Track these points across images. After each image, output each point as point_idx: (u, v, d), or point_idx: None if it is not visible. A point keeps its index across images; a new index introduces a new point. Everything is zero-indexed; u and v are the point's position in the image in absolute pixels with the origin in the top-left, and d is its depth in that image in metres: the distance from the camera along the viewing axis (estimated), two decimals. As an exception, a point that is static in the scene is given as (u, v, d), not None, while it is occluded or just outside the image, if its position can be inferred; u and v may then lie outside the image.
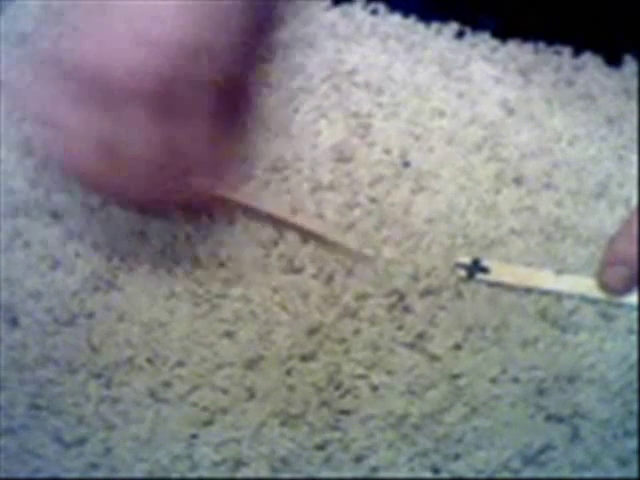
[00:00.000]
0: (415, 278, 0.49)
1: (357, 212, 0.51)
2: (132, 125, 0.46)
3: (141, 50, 0.45)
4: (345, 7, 0.58)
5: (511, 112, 0.54)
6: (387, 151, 0.53)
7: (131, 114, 0.46)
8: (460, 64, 0.56)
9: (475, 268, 0.49)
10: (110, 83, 0.45)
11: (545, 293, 0.49)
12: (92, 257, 0.52)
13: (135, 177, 0.48)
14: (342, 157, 0.53)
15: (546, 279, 0.49)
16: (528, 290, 0.49)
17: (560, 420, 0.46)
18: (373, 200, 0.52)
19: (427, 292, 0.49)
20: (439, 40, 0.57)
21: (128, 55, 0.45)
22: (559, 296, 0.48)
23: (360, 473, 0.45)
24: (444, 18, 0.57)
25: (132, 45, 0.45)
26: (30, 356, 0.49)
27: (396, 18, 0.58)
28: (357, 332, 0.48)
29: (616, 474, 0.44)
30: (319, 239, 0.50)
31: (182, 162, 0.48)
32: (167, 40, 0.46)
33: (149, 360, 0.49)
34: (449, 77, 0.55)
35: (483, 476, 0.45)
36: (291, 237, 0.51)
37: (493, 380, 0.47)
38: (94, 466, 0.47)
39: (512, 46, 0.56)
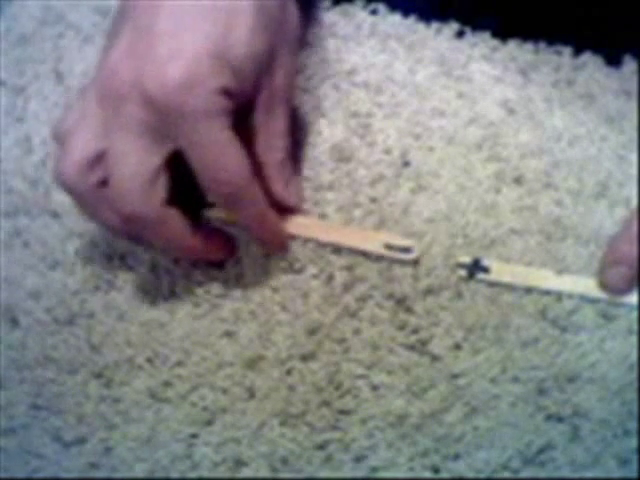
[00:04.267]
0: (415, 278, 0.49)
1: (357, 212, 0.51)
2: (217, 146, 0.44)
3: (217, 68, 0.44)
4: (345, 7, 0.58)
5: (511, 112, 0.54)
6: (387, 151, 0.53)
7: (213, 135, 0.44)
8: (460, 64, 0.56)
9: (475, 268, 0.49)
10: (184, 106, 0.43)
11: (545, 293, 0.49)
12: (92, 257, 0.52)
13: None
14: (342, 157, 0.53)
15: (546, 279, 0.49)
16: (528, 290, 0.49)
17: (560, 420, 0.46)
18: (373, 200, 0.52)
19: (427, 292, 0.49)
20: (439, 40, 0.57)
21: (204, 74, 0.43)
22: (559, 296, 0.48)
23: (360, 473, 0.45)
24: (444, 18, 0.57)
25: (207, 64, 0.44)
26: (30, 356, 0.49)
27: (396, 18, 0.58)
28: (357, 332, 0.48)
29: (616, 474, 0.44)
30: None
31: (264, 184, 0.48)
32: (240, 54, 0.45)
33: (149, 360, 0.49)
34: (449, 77, 0.55)
35: (483, 476, 0.45)
36: (295, 239, 0.51)
37: (493, 380, 0.47)
38: (94, 466, 0.47)
39: (512, 46, 0.56)
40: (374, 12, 0.58)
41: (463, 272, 0.49)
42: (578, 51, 0.55)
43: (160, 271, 0.51)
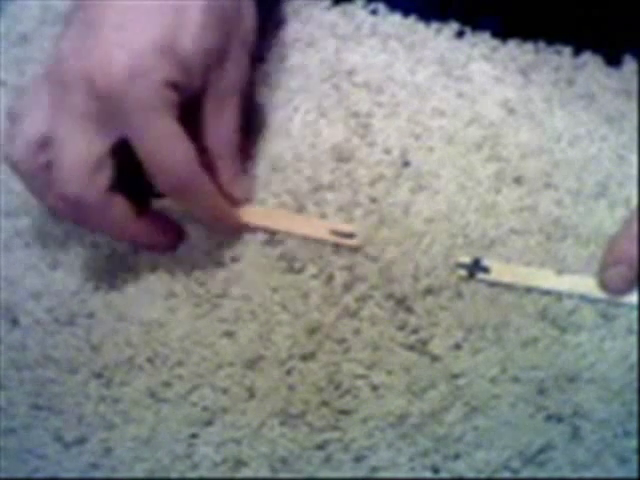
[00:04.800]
0: (415, 278, 0.49)
1: (357, 212, 0.51)
2: (161, 138, 0.45)
3: (163, 61, 0.45)
4: (345, 7, 0.58)
5: (511, 112, 0.54)
6: (387, 151, 0.53)
7: (157, 127, 0.45)
8: (460, 64, 0.56)
9: (475, 268, 0.49)
10: (128, 96, 0.44)
11: (545, 293, 0.49)
12: (92, 257, 0.52)
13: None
14: (342, 157, 0.53)
15: (546, 279, 0.49)
16: (528, 290, 0.49)
17: (560, 420, 0.46)
18: (373, 200, 0.52)
19: (427, 292, 0.49)
20: (439, 40, 0.57)
21: (149, 66, 0.44)
22: (559, 296, 0.48)
23: (360, 473, 0.46)
24: (444, 18, 0.57)
25: (153, 56, 0.45)
26: (30, 356, 0.49)
27: (396, 18, 0.58)
28: (357, 332, 0.48)
29: (616, 474, 0.44)
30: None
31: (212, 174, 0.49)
32: (188, 49, 0.46)
33: (149, 360, 0.49)
34: (449, 77, 0.55)
35: (483, 476, 0.45)
36: (291, 237, 0.51)
37: (493, 380, 0.47)
38: (94, 466, 0.47)
39: (512, 46, 0.56)
40: (374, 12, 0.58)
41: (463, 272, 0.49)
42: (578, 51, 0.55)
43: (160, 271, 0.51)
